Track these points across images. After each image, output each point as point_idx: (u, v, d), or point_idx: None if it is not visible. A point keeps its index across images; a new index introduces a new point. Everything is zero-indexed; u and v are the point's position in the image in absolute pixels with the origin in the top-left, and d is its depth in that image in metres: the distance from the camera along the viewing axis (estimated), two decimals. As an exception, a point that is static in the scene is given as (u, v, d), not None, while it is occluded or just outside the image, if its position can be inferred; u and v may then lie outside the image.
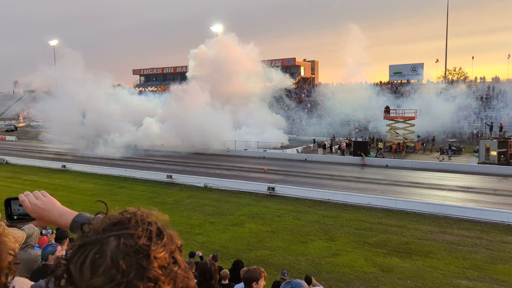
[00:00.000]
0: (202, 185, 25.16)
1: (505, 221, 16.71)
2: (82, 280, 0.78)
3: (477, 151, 34.83)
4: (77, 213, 1.52)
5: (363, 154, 33.98)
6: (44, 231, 5.19)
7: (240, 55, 50.65)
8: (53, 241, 5.14)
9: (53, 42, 72.65)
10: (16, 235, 2.19)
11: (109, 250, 0.80)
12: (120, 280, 0.77)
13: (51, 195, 1.54)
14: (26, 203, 1.48)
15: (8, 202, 1.52)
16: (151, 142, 41.89)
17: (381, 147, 38.56)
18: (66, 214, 1.50)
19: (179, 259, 0.87)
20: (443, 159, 34.50)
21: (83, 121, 43.77)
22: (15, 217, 1.53)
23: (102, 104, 43.92)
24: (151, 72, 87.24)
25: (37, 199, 1.49)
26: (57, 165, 33.70)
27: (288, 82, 58.51)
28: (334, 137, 46.91)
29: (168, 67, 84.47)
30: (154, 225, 0.88)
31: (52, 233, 5.57)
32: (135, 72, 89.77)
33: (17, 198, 1.51)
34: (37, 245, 4.77)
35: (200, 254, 9.93)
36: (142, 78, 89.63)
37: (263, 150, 39.63)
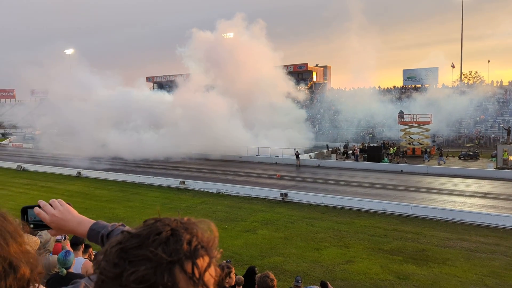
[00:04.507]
0: (215, 191, 25.19)
1: (524, 228, 16.31)
2: None
3: (494, 156, 34.21)
4: (94, 221, 1.52)
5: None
6: (58, 237, 5.23)
7: (258, 57, 50.66)
8: (67, 247, 5.17)
9: (69, 51, 74.01)
10: (31, 242, 2.20)
11: None
12: None
13: (67, 203, 1.55)
14: (43, 215, 1.48)
15: (24, 211, 1.53)
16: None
17: (391, 152, 38.16)
18: (84, 222, 1.51)
19: None
20: (444, 162, 34.24)
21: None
22: (32, 225, 1.53)
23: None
24: (164, 80, 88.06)
25: (55, 208, 1.50)
26: (72, 171, 34.16)
27: (300, 95, 58.28)
28: (348, 142, 46.61)
29: (182, 74, 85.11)
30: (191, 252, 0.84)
31: (65, 238, 5.61)
32: (148, 79, 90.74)
33: (34, 207, 1.51)
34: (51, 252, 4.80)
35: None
36: (155, 86, 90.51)
37: (276, 156, 39.57)
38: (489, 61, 65.01)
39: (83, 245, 5.54)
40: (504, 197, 22.49)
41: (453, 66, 63.62)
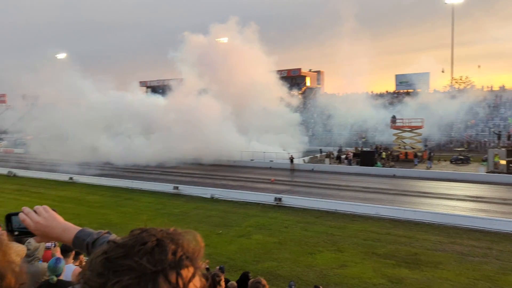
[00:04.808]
0: (209, 196, 25.13)
1: (516, 231, 16.46)
2: None
3: (485, 160, 34.53)
4: (80, 228, 1.50)
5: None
6: (48, 244, 5.19)
7: (252, 61, 50.74)
8: (57, 254, 5.13)
9: (61, 55, 73.62)
10: (17, 250, 2.18)
11: None
12: None
13: (52, 209, 1.52)
14: (27, 222, 1.45)
15: (8, 218, 1.49)
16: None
17: (384, 156, 38.44)
18: (69, 229, 1.48)
19: None
20: (431, 167, 34.61)
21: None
22: (16, 233, 1.50)
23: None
24: (158, 84, 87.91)
25: (39, 215, 1.46)
26: (64, 177, 33.87)
27: (294, 100, 58.57)
28: (341, 147, 46.82)
29: (175, 79, 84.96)
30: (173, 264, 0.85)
31: (55, 246, 5.56)
32: (141, 84, 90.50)
33: (18, 213, 1.47)
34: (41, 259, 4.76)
35: (207, 266, 9.86)
36: (149, 90, 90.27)
37: (270, 161, 39.58)
38: (479, 66, 65.52)
39: (74, 252, 5.48)
40: (495, 201, 22.69)
41: (443, 71, 64.34)
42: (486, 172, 31.35)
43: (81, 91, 46.52)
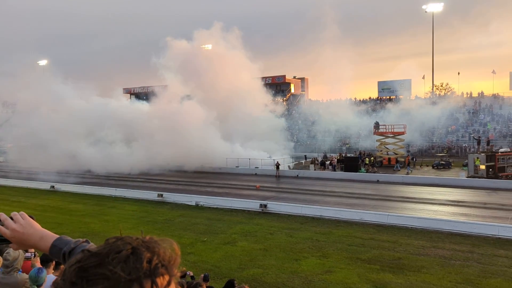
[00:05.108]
0: (194, 204, 24.97)
1: (495, 235, 16.81)
2: None
3: (466, 165, 35.25)
4: (58, 236, 1.46)
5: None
6: (27, 254, 5.07)
7: (236, 68, 50.77)
8: (37, 265, 5.03)
9: (42, 62, 72.58)
10: None
11: None
12: None
13: (30, 216, 1.48)
14: (3, 229, 1.42)
15: None
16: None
17: (367, 162, 38.91)
18: (46, 237, 1.44)
19: None
20: (411, 171, 35.20)
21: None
22: None
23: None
24: (142, 91, 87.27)
25: (16, 222, 1.43)
26: (46, 185, 33.23)
27: (279, 107, 58.94)
28: (326, 153, 47.21)
29: (160, 86, 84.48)
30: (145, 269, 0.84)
31: (35, 256, 5.44)
32: (125, 90, 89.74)
33: None
34: (20, 269, 4.67)
35: (191, 274, 9.79)
36: (133, 97, 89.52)
37: (255, 167, 39.60)
38: (459, 73, 67.12)
39: (54, 262, 5.39)
40: (476, 205, 23.15)
41: (423, 78, 65.67)
42: (467, 177, 31.99)
43: (62, 97, 45.66)
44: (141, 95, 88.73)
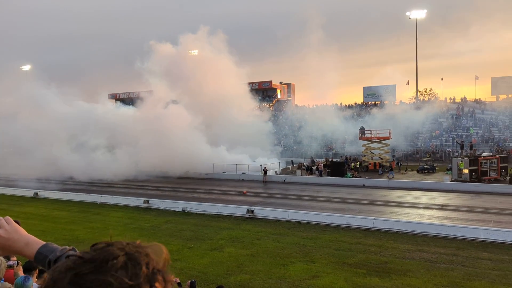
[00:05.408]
0: (180, 210, 24.79)
1: (479, 238, 17.09)
2: None
3: (450, 169, 35.80)
4: (44, 242, 1.42)
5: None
6: (10, 263, 4.95)
7: (222, 73, 50.68)
8: (20, 273, 4.94)
9: (26, 67, 71.54)
10: None
11: None
12: None
13: (15, 221, 1.45)
14: None
15: None
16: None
17: (352, 167, 39.27)
18: (32, 243, 1.40)
19: None
20: (392, 176, 35.63)
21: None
22: None
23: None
24: (127, 97, 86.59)
25: (0, 227, 1.39)
26: (29, 192, 32.63)
27: (265, 112, 59.16)
28: (312, 158, 47.46)
29: (145, 91, 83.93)
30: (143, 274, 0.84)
31: (18, 264, 5.32)
32: (110, 96, 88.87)
33: None
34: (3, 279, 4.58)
35: (178, 280, 9.71)
36: (119, 103, 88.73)
37: (242, 173, 39.56)
38: (442, 79, 68.49)
39: (37, 271, 5.29)
40: (460, 208, 23.52)
41: (408, 84, 66.71)
42: (451, 181, 32.48)
43: (44, 102, 44.82)
44: (127, 100, 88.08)
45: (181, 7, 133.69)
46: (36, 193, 32.13)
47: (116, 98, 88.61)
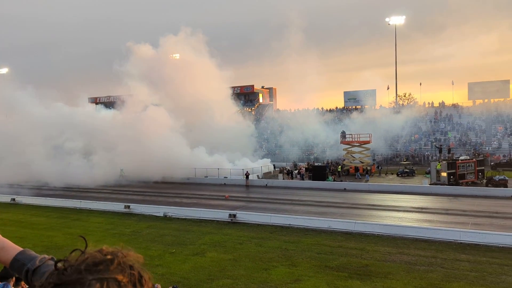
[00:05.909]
0: (162, 215, 24.53)
1: (457, 240, 17.45)
2: None
3: (428, 172, 36.50)
4: (21, 249, 1.36)
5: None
6: None
7: (204, 76, 50.39)
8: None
9: (3, 70, 69.94)
10: None
11: None
12: None
13: None
14: None
15: None
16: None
17: (339, 169, 39.75)
18: (8, 248, 1.34)
19: None
20: (367, 180, 36.29)
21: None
22: None
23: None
24: (108, 100, 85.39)
25: None
26: (6, 198, 31.76)
27: (247, 116, 59.24)
28: (295, 162, 47.71)
29: (125, 95, 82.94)
30: (136, 270, 0.86)
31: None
32: (90, 100, 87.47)
33: None
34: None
35: (159, 286, 9.57)
36: (99, 106, 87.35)
37: (224, 177, 39.42)
38: (420, 83, 69.78)
39: (14, 279, 5.15)
40: (439, 211, 24.00)
41: (388, 89, 67.88)
42: (430, 184, 33.12)
43: (17, 103, 43.51)
44: (107, 104, 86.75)
45: (162, 12, 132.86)
46: (13, 199, 31.30)
47: (97, 102, 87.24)
